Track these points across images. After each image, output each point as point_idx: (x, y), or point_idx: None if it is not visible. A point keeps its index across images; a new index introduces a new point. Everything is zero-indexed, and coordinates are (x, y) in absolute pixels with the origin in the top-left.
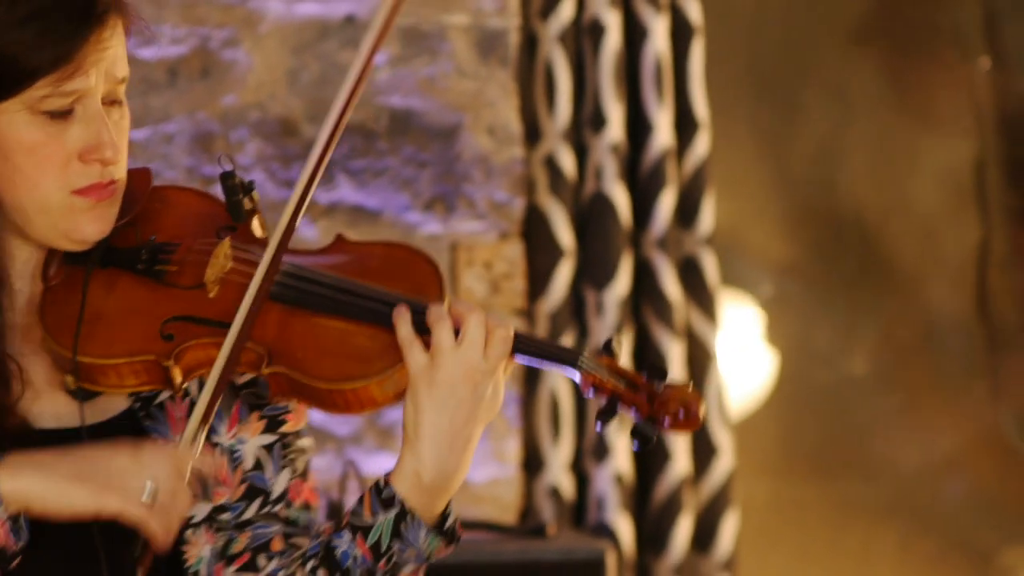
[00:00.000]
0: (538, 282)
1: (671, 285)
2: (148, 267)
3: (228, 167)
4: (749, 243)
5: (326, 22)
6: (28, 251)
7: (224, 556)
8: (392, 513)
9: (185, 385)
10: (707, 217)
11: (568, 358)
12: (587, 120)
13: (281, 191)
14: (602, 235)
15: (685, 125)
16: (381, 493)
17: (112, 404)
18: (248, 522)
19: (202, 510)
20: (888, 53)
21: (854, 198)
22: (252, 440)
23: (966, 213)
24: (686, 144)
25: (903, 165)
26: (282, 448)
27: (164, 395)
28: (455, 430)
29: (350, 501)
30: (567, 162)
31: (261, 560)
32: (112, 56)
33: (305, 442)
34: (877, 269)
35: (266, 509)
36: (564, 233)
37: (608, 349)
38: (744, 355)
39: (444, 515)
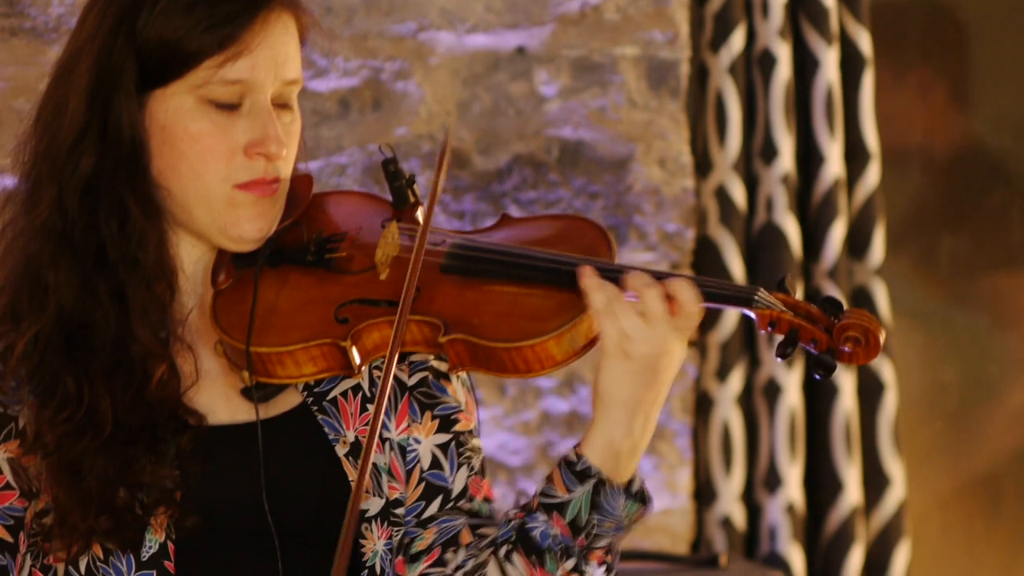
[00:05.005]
0: (709, 313)
1: None
2: (318, 258)
3: (388, 154)
4: (918, 274)
5: (497, 54)
6: (197, 252)
7: (408, 554)
8: (589, 485)
9: (364, 367)
10: (878, 248)
11: (745, 296)
12: (757, 151)
13: (453, 222)
14: (773, 266)
15: (855, 156)
16: (574, 467)
17: (285, 400)
18: (431, 518)
19: (375, 504)
20: None
21: None
22: (427, 440)
23: None
24: (856, 175)
25: None
26: (457, 447)
27: (336, 390)
28: (649, 397)
29: None
30: (738, 193)
31: (448, 554)
32: (281, 52)
33: (478, 442)
34: None
35: (449, 505)
36: (735, 264)
37: (782, 286)
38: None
39: (631, 479)
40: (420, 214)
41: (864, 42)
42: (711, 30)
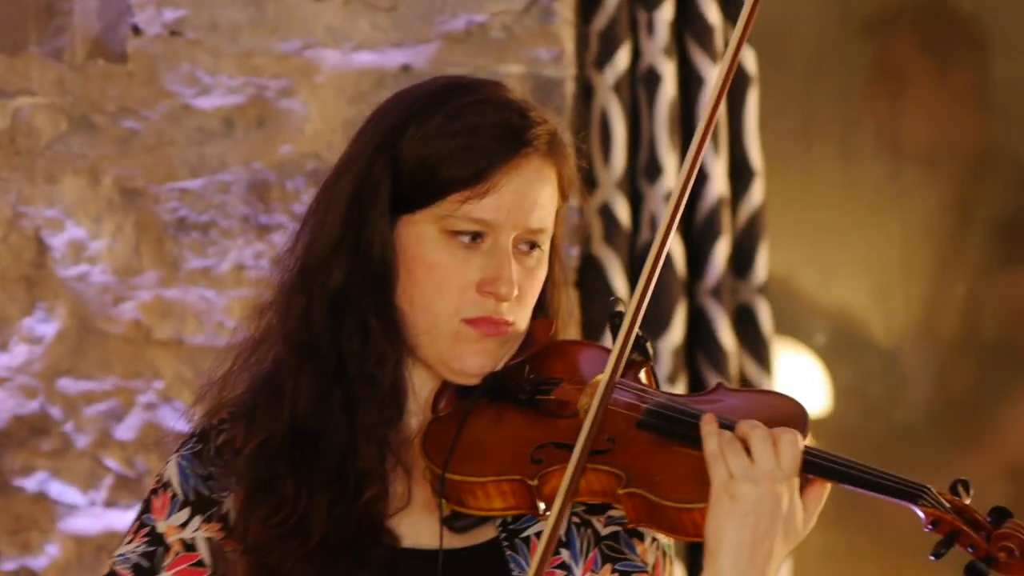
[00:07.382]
0: (593, 331)
1: (725, 334)
2: (529, 398)
3: (619, 308)
4: (803, 291)
5: (383, 71)
6: (423, 378)
7: None
8: None
9: (547, 512)
10: (761, 266)
11: (911, 494)
12: (642, 169)
13: None
14: (657, 284)
15: (740, 174)
16: None
17: (481, 533)
18: None
19: None
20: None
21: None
22: None
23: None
24: (741, 193)
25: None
26: None
27: (531, 530)
28: (755, 543)
29: None
30: (622, 211)
31: None
32: (529, 198)
33: None
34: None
35: None
36: (619, 282)
37: (955, 490)
38: None
39: None
40: (643, 374)
41: (749, 61)
42: (596, 48)
